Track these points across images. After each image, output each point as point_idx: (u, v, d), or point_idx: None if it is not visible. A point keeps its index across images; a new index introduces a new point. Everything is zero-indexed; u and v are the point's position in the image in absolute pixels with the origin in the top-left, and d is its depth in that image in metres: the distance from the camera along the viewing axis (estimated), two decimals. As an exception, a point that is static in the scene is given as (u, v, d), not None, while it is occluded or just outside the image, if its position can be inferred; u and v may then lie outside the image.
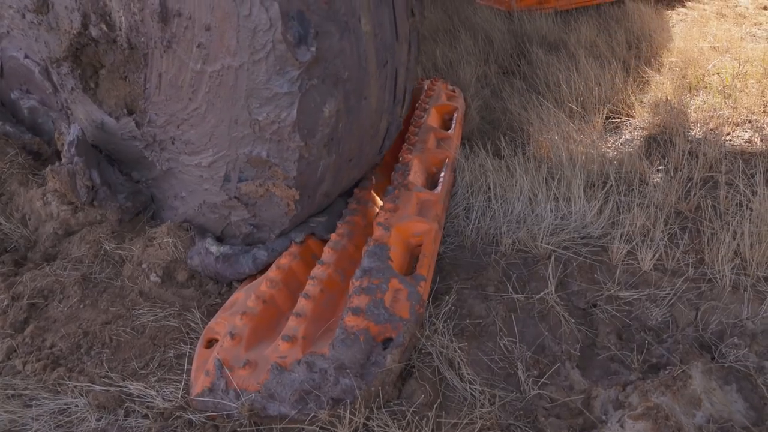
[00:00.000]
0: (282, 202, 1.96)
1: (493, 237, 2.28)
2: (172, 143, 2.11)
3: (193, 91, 1.91)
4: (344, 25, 1.76)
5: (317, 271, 1.93)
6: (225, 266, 2.06)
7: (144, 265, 2.06)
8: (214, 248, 2.07)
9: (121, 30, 1.95)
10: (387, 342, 1.73)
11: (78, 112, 2.31)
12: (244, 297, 1.92)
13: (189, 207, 2.22)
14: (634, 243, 2.15)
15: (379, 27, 1.90)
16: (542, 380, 1.71)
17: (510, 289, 2.01)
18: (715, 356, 1.76)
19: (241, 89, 1.81)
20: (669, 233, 2.22)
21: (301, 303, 1.82)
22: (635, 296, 1.97)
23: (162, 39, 1.85)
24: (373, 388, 1.64)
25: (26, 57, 2.42)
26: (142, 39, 1.93)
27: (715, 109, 3.09)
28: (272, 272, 1.97)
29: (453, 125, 2.87)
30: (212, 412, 1.64)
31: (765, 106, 3.16)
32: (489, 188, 2.46)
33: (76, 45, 2.12)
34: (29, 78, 2.49)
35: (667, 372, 1.69)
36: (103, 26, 1.95)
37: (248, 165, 1.96)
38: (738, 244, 2.11)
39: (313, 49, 1.70)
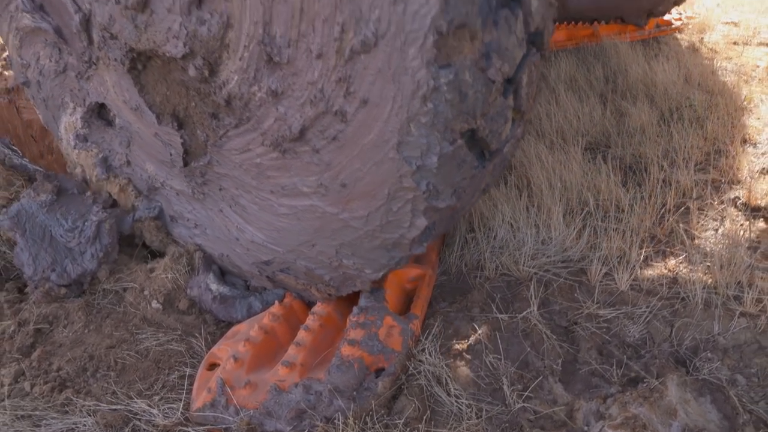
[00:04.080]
0: (314, 297, 2.05)
1: (477, 262, 2.40)
2: (219, 190, 2.03)
3: (288, 213, 1.85)
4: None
5: (318, 308, 2.05)
6: (220, 307, 2.15)
7: (146, 292, 2.16)
8: (213, 286, 2.16)
9: (225, 87, 1.73)
10: (379, 371, 1.84)
11: (105, 77, 2.09)
12: (247, 327, 2.03)
13: (208, 245, 2.22)
14: (611, 265, 2.28)
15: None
16: (526, 394, 1.81)
17: (494, 310, 2.12)
18: (690, 370, 1.87)
19: (341, 233, 1.78)
20: (644, 256, 2.35)
21: (302, 334, 1.94)
22: (613, 314, 2.08)
23: (283, 147, 1.71)
24: (364, 409, 1.75)
25: None
26: (248, 115, 1.74)
27: (687, 139, 3.25)
28: (275, 308, 2.08)
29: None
30: (212, 425, 1.73)
31: (733, 136, 3.32)
32: (472, 217, 2.59)
33: (154, 56, 1.90)
34: (60, 10, 2.08)
35: (644, 385, 1.80)
36: (206, 72, 1.72)
37: (300, 271, 1.97)
38: (708, 266, 2.24)
39: (453, 201, 1.63)
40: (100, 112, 2.21)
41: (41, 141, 4.87)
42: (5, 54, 4.89)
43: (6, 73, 4.68)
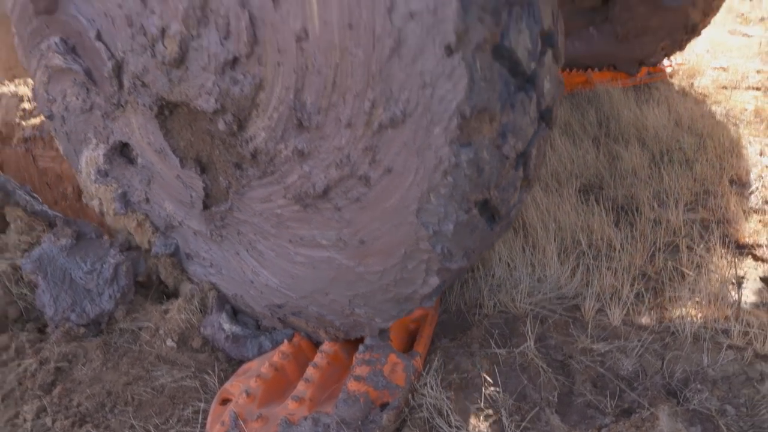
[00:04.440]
0: (322, 338, 2.14)
1: (476, 300, 2.50)
2: (237, 234, 2.12)
3: (304, 262, 1.93)
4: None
5: (326, 346, 2.16)
6: (232, 346, 2.26)
7: (161, 331, 2.27)
8: (226, 326, 2.26)
9: (251, 142, 1.82)
10: (384, 405, 1.94)
11: (131, 119, 2.18)
12: (258, 365, 2.14)
13: (222, 284, 2.29)
14: (604, 301, 2.38)
15: None
16: (524, 424, 1.89)
17: (493, 345, 2.22)
18: (681, 400, 1.96)
19: (355, 285, 1.86)
20: (635, 292, 2.45)
21: (310, 371, 2.05)
22: (607, 348, 2.18)
23: (305, 202, 1.79)
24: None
25: (99, 37, 2.03)
26: (272, 169, 1.81)
27: (677, 180, 3.38)
28: (284, 347, 2.19)
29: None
30: (226, 457, 1.82)
31: (721, 177, 3.46)
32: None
33: (183, 107, 1.97)
34: (92, 55, 2.14)
35: (637, 415, 1.89)
36: (234, 127, 1.81)
37: (312, 316, 2.06)
38: (697, 301, 2.35)
39: (465, 262, 1.73)
40: (122, 150, 2.31)
41: (55, 188, 4.97)
42: (23, 105, 5.09)
43: (23, 123, 4.88)
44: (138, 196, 2.34)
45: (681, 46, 5.06)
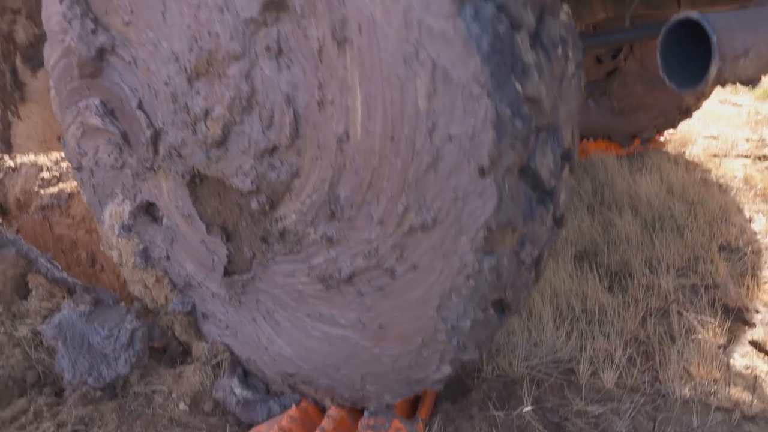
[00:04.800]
0: (328, 404, 2.21)
1: (475, 365, 2.61)
2: (256, 302, 2.18)
3: (320, 337, 2.01)
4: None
5: (332, 411, 2.24)
6: (243, 411, 2.34)
7: (174, 395, 2.37)
8: (237, 391, 2.35)
9: (281, 222, 1.90)
10: (388, 466, 2.02)
11: (162, 182, 2.25)
12: (267, 428, 2.21)
13: (236, 347, 2.37)
14: (597, 364, 2.49)
15: None
16: (520, 485, 1.98)
17: (491, 408, 2.31)
18: (672, 462, 2.05)
19: (369, 364, 1.93)
20: (628, 356, 2.56)
21: (317, 434, 2.13)
22: (601, 410, 2.27)
23: (328, 284, 1.87)
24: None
25: (140, 106, 2.13)
26: (299, 248, 1.90)
27: (669, 247, 3.53)
28: (292, 411, 2.27)
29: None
30: None
31: (711, 243, 3.60)
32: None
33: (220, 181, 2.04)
34: (130, 120, 2.22)
35: (630, 477, 1.97)
36: (267, 207, 1.89)
37: (321, 386, 2.14)
38: (686, 364, 2.45)
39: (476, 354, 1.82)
40: (148, 209, 2.40)
41: (69, 254, 5.18)
42: (42, 174, 5.31)
43: (41, 191, 5.06)
44: (159, 253, 2.43)
45: (673, 125, 5.31)
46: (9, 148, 3.02)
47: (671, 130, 5.87)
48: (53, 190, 4.94)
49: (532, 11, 1.45)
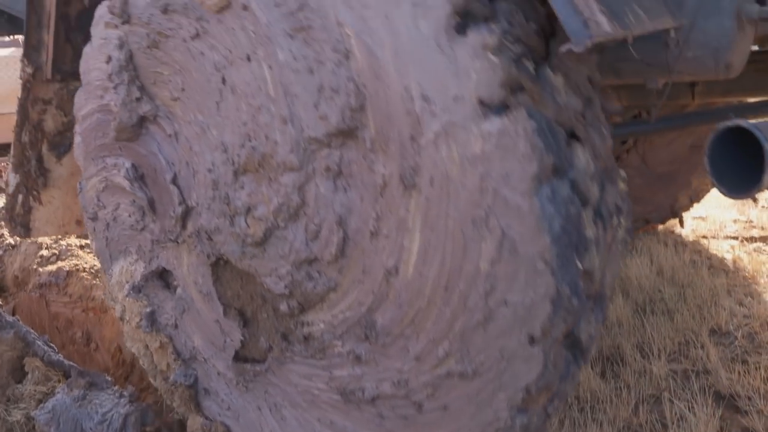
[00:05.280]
0: None
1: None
2: (264, 393, 2.12)
3: None
4: None
5: None
6: None
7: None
8: None
9: (307, 327, 1.86)
10: None
11: (183, 255, 2.18)
12: None
13: (235, 429, 2.29)
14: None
15: None
16: None
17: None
18: None
19: None
20: (620, 447, 2.57)
21: None
22: None
23: (348, 398, 1.82)
24: None
25: (174, 181, 2.08)
26: (321, 356, 1.85)
27: (660, 331, 3.57)
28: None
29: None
30: None
31: (701, 327, 3.65)
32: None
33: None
34: (161, 190, 2.17)
35: None
36: (296, 312, 1.85)
37: None
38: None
39: None
40: (162, 274, 2.33)
41: (65, 333, 5.09)
42: (41, 252, 5.38)
43: (40, 269, 5.16)
44: (167, 320, 2.37)
45: (663, 221, 5.40)
46: (28, 233, 3.03)
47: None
48: (51, 268, 5.04)
49: (597, 184, 1.49)
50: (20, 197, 2.97)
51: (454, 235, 1.48)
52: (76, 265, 5.05)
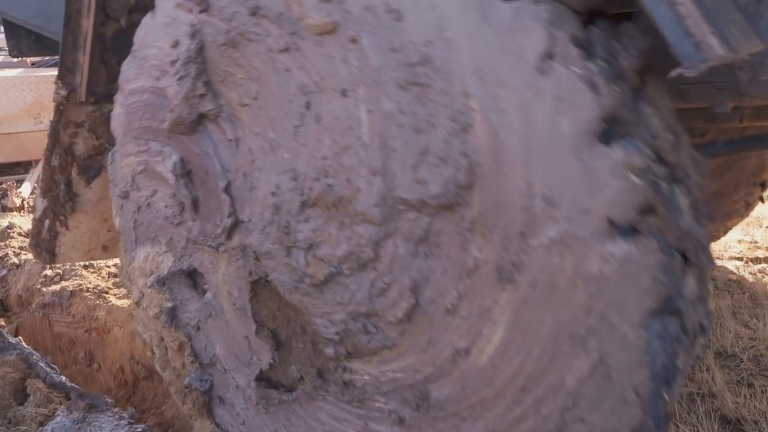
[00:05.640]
0: None
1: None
2: (286, 419, 2.03)
3: None
4: None
5: None
6: None
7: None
8: None
9: (350, 374, 1.77)
10: None
11: (221, 263, 2.05)
12: None
13: None
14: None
15: None
16: None
17: None
18: None
19: None
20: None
21: None
22: None
23: None
24: None
25: (227, 190, 1.94)
26: (358, 405, 1.78)
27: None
28: None
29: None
30: None
31: (706, 349, 3.64)
32: None
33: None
34: (208, 193, 2.01)
35: None
36: (342, 359, 1.76)
37: None
38: None
39: None
40: (192, 273, 2.19)
41: (67, 353, 5.14)
42: (45, 271, 5.43)
43: (43, 289, 5.24)
44: (189, 319, 2.25)
45: None
46: (53, 258, 2.98)
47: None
48: (55, 288, 5.16)
49: (695, 308, 1.42)
50: (47, 222, 2.88)
51: (545, 342, 1.40)
52: (80, 285, 5.15)
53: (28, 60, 10.88)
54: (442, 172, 1.44)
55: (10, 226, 6.79)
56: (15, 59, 11.35)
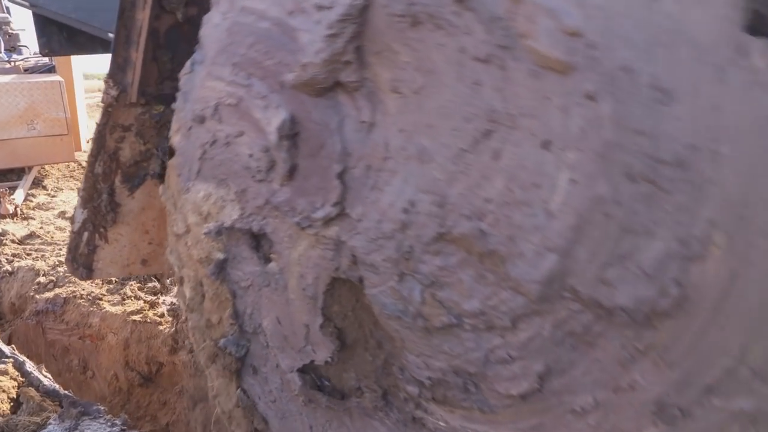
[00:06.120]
0: None
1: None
2: (326, 422, 1.88)
3: None
4: None
5: None
6: None
7: None
8: None
9: (422, 412, 1.64)
10: None
11: (299, 242, 1.80)
12: None
13: (270, 418, 2.05)
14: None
15: None
16: None
17: None
18: None
19: None
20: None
21: None
22: None
23: None
24: None
25: (341, 176, 1.64)
26: None
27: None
28: None
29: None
30: None
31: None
32: None
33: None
34: (310, 167, 1.73)
35: None
36: (422, 400, 1.61)
37: None
38: None
39: None
40: (259, 236, 1.89)
41: (61, 360, 5.02)
42: (38, 279, 5.37)
43: (37, 296, 5.14)
44: (239, 278, 1.96)
45: None
46: (90, 274, 2.64)
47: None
48: (49, 295, 5.07)
49: None
50: (86, 235, 2.61)
51: None
52: (74, 291, 5.07)
53: (21, 66, 10.68)
54: (639, 288, 1.23)
55: (3, 233, 6.73)
56: (8, 65, 10.70)
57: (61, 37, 3.69)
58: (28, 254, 6.09)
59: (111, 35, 2.35)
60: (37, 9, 3.61)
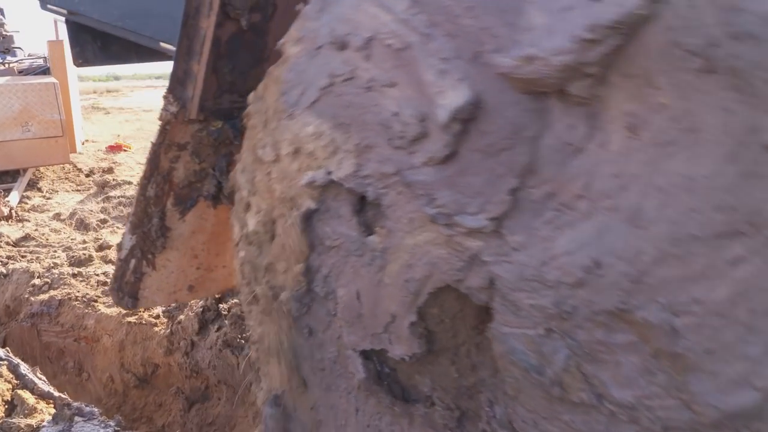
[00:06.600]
0: None
1: None
2: (377, 414, 1.75)
3: None
4: None
5: None
6: None
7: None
8: None
9: None
10: None
11: (416, 235, 1.46)
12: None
13: (313, 390, 1.93)
14: None
15: None
16: None
17: None
18: None
19: None
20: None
21: None
22: None
23: None
24: None
25: (512, 194, 1.11)
26: None
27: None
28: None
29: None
30: None
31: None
32: None
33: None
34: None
35: None
36: None
37: None
38: None
39: None
40: (369, 208, 1.60)
41: (56, 362, 5.02)
42: (33, 281, 5.37)
43: (32, 299, 5.16)
44: (325, 235, 1.71)
45: None
46: (135, 303, 2.50)
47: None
48: (44, 297, 5.05)
49: None
50: (133, 262, 2.45)
51: None
52: (69, 294, 5.06)
53: (16, 68, 10.59)
54: None
55: (-2, 236, 6.66)
56: (1, 66, 10.53)
57: (95, 46, 3.60)
58: (22, 256, 6.08)
59: (162, 44, 2.23)
60: (75, 17, 3.45)
